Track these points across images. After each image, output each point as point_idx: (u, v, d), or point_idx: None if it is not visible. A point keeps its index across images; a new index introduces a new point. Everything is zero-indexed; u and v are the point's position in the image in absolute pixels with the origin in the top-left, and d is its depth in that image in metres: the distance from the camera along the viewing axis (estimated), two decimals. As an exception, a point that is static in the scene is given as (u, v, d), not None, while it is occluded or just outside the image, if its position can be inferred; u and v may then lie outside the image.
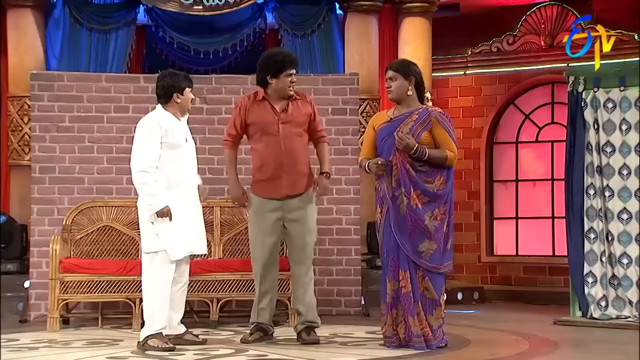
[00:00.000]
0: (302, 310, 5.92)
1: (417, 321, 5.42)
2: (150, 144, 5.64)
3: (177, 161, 5.72)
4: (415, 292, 5.47)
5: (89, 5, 8.85)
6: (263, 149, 5.83)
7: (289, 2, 9.03)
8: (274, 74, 5.80)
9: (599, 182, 7.01)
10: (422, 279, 5.50)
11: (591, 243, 7.05)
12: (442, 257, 5.50)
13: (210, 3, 8.60)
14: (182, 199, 5.72)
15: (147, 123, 5.74)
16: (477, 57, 9.86)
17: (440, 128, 5.55)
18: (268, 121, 5.82)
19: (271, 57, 5.90)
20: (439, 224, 5.50)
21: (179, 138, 5.75)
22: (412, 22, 9.03)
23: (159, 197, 5.60)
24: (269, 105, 5.85)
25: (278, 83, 5.81)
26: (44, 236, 7.37)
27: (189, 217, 5.75)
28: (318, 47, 9.08)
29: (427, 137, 5.54)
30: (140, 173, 5.64)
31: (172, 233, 5.62)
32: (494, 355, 5.29)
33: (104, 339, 6.26)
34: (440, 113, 5.63)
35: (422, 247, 5.48)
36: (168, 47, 9.14)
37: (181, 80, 5.81)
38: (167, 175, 5.68)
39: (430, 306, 5.49)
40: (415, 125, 5.54)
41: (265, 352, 5.54)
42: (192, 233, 5.77)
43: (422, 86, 5.68)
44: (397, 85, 5.60)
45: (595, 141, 7.04)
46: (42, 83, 7.66)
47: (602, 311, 6.96)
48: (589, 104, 7.08)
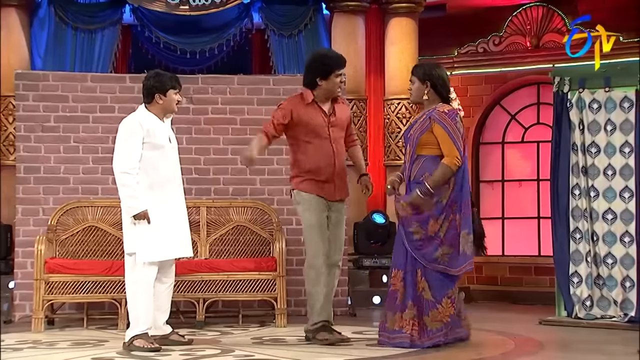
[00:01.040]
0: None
1: (397, 318, 5.47)
2: (131, 144, 5.62)
3: (160, 162, 5.70)
4: (408, 291, 5.50)
5: (74, 5, 8.82)
6: (314, 152, 5.81)
7: (276, 2, 9.02)
8: (324, 75, 5.80)
9: (584, 183, 7.04)
10: (420, 278, 5.53)
11: (576, 243, 7.08)
12: (458, 259, 5.53)
13: (197, 3, 8.58)
14: (166, 200, 5.71)
15: (129, 123, 5.72)
16: (463, 58, 9.88)
17: (438, 127, 5.58)
18: (318, 124, 5.82)
19: (320, 59, 5.91)
20: (449, 224, 5.54)
21: (162, 139, 5.72)
22: (398, 23, 9.04)
23: (138, 200, 5.58)
24: (319, 108, 5.85)
25: (328, 84, 5.81)
26: (29, 236, 7.34)
27: (173, 219, 5.73)
28: (305, 47, 9.07)
29: (427, 139, 5.60)
30: (122, 174, 5.62)
31: (147, 236, 5.59)
32: (479, 355, 5.31)
33: (89, 339, 6.24)
34: (441, 112, 5.64)
35: (437, 254, 5.53)
36: (154, 47, 9.12)
37: (165, 81, 5.77)
38: (149, 176, 5.66)
39: (427, 307, 5.51)
40: (417, 127, 5.65)
41: (252, 352, 5.54)
42: (176, 236, 5.75)
43: (444, 87, 5.72)
44: (415, 89, 5.74)
45: (580, 142, 7.07)
46: (27, 83, 7.63)
47: (587, 311, 6.98)
48: (575, 105, 7.11)
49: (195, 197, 7.38)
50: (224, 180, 7.73)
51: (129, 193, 5.60)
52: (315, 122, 5.80)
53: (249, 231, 7.38)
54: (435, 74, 5.70)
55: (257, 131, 7.66)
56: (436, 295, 5.51)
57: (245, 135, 7.75)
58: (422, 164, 5.60)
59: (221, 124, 7.76)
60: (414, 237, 5.55)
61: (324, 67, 5.80)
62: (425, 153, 5.60)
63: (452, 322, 5.56)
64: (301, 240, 7.67)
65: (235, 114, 7.79)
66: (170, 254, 5.75)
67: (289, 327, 6.81)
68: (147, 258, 5.59)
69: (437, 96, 5.68)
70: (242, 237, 7.39)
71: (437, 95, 5.68)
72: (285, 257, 7.05)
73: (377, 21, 9.22)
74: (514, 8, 9.53)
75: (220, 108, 7.79)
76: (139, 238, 5.60)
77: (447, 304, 5.52)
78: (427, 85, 5.67)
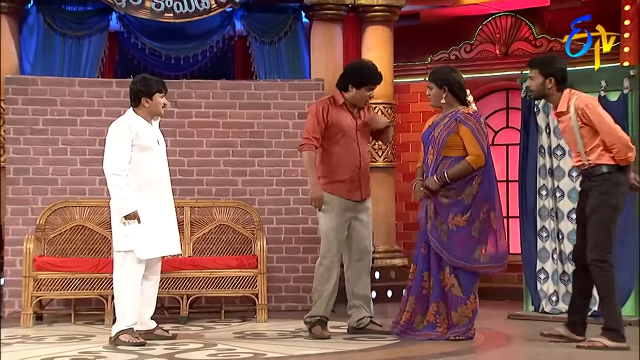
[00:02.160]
0: (364, 306, 5.96)
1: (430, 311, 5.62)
2: (121, 147, 5.61)
3: (148, 163, 5.69)
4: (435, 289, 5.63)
5: (63, 12, 8.77)
6: (341, 152, 5.86)
7: (257, 11, 9.01)
8: (357, 85, 5.85)
9: (550, 184, 7.10)
10: (449, 275, 5.59)
11: (543, 241, 7.13)
12: (497, 255, 5.64)
13: (181, 11, 8.56)
14: (154, 200, 5.70)
15: (118, 127, 5.71)
16: (436, 64, 9.88)
17: (464, 128, 5.65)
18: (348, 125, 5.88)
19: (359, 69, 5.98)
20: (481, 225, 5.61)
21: (150, 141, 5.72)
22: (374, 31, 9.05)
23: (129, 201, 5.57)
24: (348, 110, 5.90)
25: (358, 94, 5.87)
26: (18, 235, 7.30)
27: (161, 218, 5.72)
28: (285, 53, 9.07)
29: (453, 140, 5.65)
30: (112, 176, 5.61)
31: (141, 234, 5.59)
32: (450, 348, 5.33)
33: (76, 334, 6.22)
34: (466, 114, 5.71)
35: (475, 254, 5.60)
36: (140, 52, 9.08)
37: (151, 85, 5.77)
38: (138, 177, 5.65)
39: (456, 303, 5.58)
40: (442, 129, 5.68)
41: (234, 346, 5.54)
42: (164, 234, 5.74)
43: (461, 90, 5.77)
44: (433, 94, 5.81)
45: (547, 145, 7.12)
46: (16, 87, 7.59)
47: (553, 306, 7.03)
48: (541, 110, 7.15)
49: (179, 197, 7.35)
50: (207, 181, 7.72)
51: (119, 194, 5.59)
52: (345, 123, 5.88)
53: (231, 230, 7.38)
54: (451, 78, 5.77)
55: (239, 134, 7.74)
56: (465, 291, 5.59)
57: (228, 137, 7.76)
58: (449, 165, 5.65)
59: (204, 127, 7.76)
60: (442, 239, 5.62)
61: (361, 77, 5.88)
62: (452, 154, 5.67)
63: (474, 317, 5.66)
64: (281, 239, 7.70)
65: (218, 118, 7.79)
66: (159, 252, 5.74)
67: (269, 322, 6.81)
68: (136, 256, 5.58)
69: (455, 99, 5.74)
70: (225, 236, 7.38)
71: (454, 99, 5.74)
72: (266, 255, 7.05)
73: (354, 29, 9.23)
74: (484, 17, 9.58)
75: (204, 112, 7.78)
76: (129, 237, 5.58)
77: (472, 299, 5.63)
78: (444, 89, 5.73)
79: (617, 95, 6.76)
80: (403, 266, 9.11)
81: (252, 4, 8.88)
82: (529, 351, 5.47)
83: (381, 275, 8.60)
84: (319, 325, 5.86)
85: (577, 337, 5.56)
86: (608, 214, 5.40)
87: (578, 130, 5.42)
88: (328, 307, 5.91)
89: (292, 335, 6.08)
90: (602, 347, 5.28)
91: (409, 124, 10.38)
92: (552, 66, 5.53)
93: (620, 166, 5.41)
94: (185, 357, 5.20)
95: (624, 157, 5.39)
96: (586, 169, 5.47)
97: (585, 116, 5.40)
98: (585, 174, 5.50)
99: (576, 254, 5.70)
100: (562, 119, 5.53)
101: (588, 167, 5.45)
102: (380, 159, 8.70)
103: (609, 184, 5.41)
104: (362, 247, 5.98)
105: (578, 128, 5.42)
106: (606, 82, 6.81)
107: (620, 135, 5.42)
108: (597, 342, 5.31)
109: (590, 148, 5.41)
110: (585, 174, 5.50)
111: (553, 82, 5.51)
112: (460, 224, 5.61)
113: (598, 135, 5.39)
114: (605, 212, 5.40)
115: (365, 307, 5.98)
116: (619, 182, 5.42)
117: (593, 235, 5.41)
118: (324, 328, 5.86)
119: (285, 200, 7.78)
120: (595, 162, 5.43)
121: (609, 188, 5.41)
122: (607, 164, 5.40)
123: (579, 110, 5.41)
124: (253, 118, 7.80)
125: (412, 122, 10.38)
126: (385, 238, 8.84)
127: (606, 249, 5.39)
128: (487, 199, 5.66)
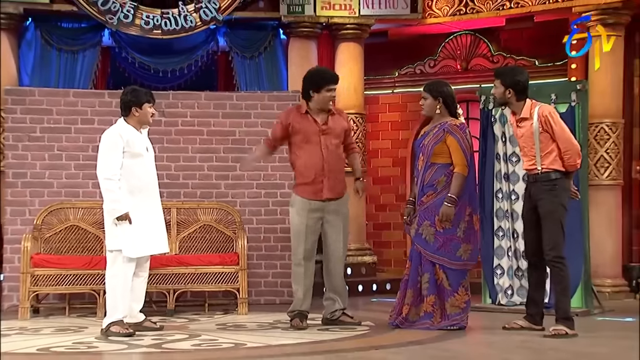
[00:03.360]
0: (338, 299, 5.96)
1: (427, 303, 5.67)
2: (113, 154, 5.60)
3: (138, 169, 5.68)
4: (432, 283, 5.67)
5: (59, 29, 8.74)
6: (305, 156, 5.85)
7: (239, 28, 9.03)
8: (316, 88, 5.83)
9: (506, 187, 7.16)
10: (439, 271, 5.66)
11: (500, 240, 7.19)
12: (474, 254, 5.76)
13: (168, 27, 8.56)
14: (144, 203, 5.69)
15: (110, 135, 5.70)
16: (403, 78, 9.97)
17: (450, 138, 5.70)
18: (310, 131, 5.84)
19: (315, 74, 5.97)
20: (465, 225, 5.67)
21: (140, 148, 5.71)
22: (346, 47, 9.11)
23: (120, 203, 5.56)
24: (311, 118, 5.87)
25: (319, 97, 5.84)
26: (16, 234, 7.25)
27: (150, 220, 5.72)
28: (264, 67, 9.09)
29: (440, 148, 5.70)
30: (105, 181, 5.60)
31: (131, 234, 5.58)
32: (415, 337, 5.37)
33: (70, 326, 6.19)
34: (454, 125, 5.74)
35: (459, 252, 5.66)
36: (130, 66, 9.06)
37: (141, 96, 5.77)
38: (129, 182, 5.64)
39: (447, 295, 5.65)
40: (431, 138, 5.72)
41: (217, 336, 5.54)
42: (153, 234, 5.73)
43: (453, 103, 5.80)
44: (427, 104, 5.81)
45: (503, 152, 7.19)
46: (15, 97, 7.55)
47: (508, 298, 7.10)
48: (498, 120, 7.23)
49: (166, 199, 7.34)
50: (192, 184, 7.72)
51: (112, 197, 5.57)
52: (307, 130, 5.84)
53: (214, 230, 7.37)
54: (446, 91, 5.80)
55: (222, 141, 7.76)
56: (453, 285, 5.64)
57: (212, 144, 7.76)
58: (435, 171, 5.71)
59: (190, 135, 7.75)
60: (430, 244, 5.65)
61: (317, 81, 5.85)
62: (439, 161, 5.70)
63: (468, 308, 5.73)
64: (260, 238, 7.72)
65: (202, 126, 7.78)
66: (148, 251, 5.73)
67: (249, 314, 6.82)
68: (128, 254, 5.57)
69: (447, 111, 5.76)
70: (209, 235, 7.38)
71: (447, 110, 5.77)
72: (247, 253, 7.06)
73: (328, 45, 9.28)
74: (446, 36, 9.67)
75: (189, 121, 7.77)
76: (121, 237, 5.57)
77: (462, 292, 5.68)
78: (439, 101, 5.76)
79: (566, 107, 6.86)
80: (372, 263, 9.17)
81: (234, 22, 8.90)
82: (487, 339, 5.53)
83: (352, 271, 8.64)
84: (297, 318, 5.87)
85: (536, 327, 5.63)
86: (561, 215, 5.51)
87: (537, 136, 5.51)
88: (306, 303, 5.91)
89: (270, 326, 6.09)
90: (565, 334, 5.36)
91: (378, 132, 10.45)
92: (513, 78, 5.61)
93: (566, 173, 5.52)
94: (171, 346, 5.19)
95: (574, 162, 5.50)
96: (537, 174, 5.56)
97: (547, 123, 5.49)
98: (536, 178, 5.58)
99: (529, 252, 5.77)
100: (523, 125, 5.61)
101: (539, 172, 5.54)
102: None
103: (559, 188, 5.51)
104: (335, 244, 5.96)
105: (538, 134, 5.50)
106: (556, 95, 6.90)
107: (574, 143, 5.53)
108: (561, 331, 5.39)
109: (545, 153, 5.50)
110: (536, 178, 5.58)
111: (512, 92, 5.59)
112: (446, 226, 5.66)
113: (553, 143, 5.49)
114: (558, 214, 5.49)
115: (339, 300, 5.99)
116: (565, 187, 5.55)
117: (550, 236, 5.49)
118: (302, 320, 5.87)
119: (265, 202, 7.79)
120: (547, 168, 5.51)
121: (559, 192, 5.51)
122: (556, 170, 5.50)
123: (542, 118, 5.50)
124: (235, 126, 7.81)
125: (381, 130, 10.44)
126: (356, 237, 8.88)
127: (562, 246, 5.50)
128: (469, 202, 5.73)
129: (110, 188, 5.57)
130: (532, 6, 8.60)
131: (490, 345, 5.16)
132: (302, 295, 5.88)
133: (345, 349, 5.07)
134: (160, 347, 5.15)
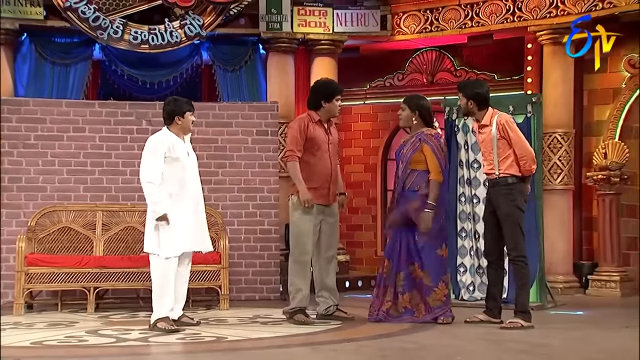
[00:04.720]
0: (331, 296, 5.89)
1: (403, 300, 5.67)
2: (155, 158, 5.51)
3: (179, 173, 5.57)
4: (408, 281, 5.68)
5: (52, 43, 8.68)
6: (316, 163, 5.77)
7: (221, 43, 9.02)
8: (328, 98, 5.80)
9: (468, 192, 7.21)
10: (418, 270, 5.65)
11: (462, 240, 7.23)
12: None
13: (155, 42, 8.53)
14: (184, 204, 5.55)
15: (153, 141, 5.61)
16: (374, 90, 10.01)
17: (426, 147, 5.70)
18: (322, 139, 5.80)
19: (326, 85, 5.95)
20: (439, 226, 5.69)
21: (181, 153, 5.60)
22: (321, 61, 9.13)
23: (160, 205, 5.45)
24: (322, 126, 5.84)
25: (330, 106, 5.81)
26: (11, 235, 7.17)
27: (189, 220, 5.56)
28: (245, 80, 9.09)
29: (417, 157, 5.70)
30: (147, 184, 5.50)
31: (167, 235, 5.47)
32: (385, 331, 5.37)
33: (62, 321, 6.12)
34: (429, 135, 5.74)
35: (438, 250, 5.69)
36: (119, 78, 9.02)
37: (182, 105, 5.67)
38: (170, 185, 5.52)
39: (428, 291, 5.65)
40: (409, 147, 5.73)
41: (199, 330, 5.50)
42: (190, 234, 5.57)
43: (429, 115, 5.80)
44: (404, 115, 5.82)
45: (465, 159, 7.23)
46: (10, 107, 7.48)
47: (470, 294, 7.14)
48: (461, 129, 7.27)
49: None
50: (178, 189, 7.64)
51: (153, 199, 5.48)
52: (320, 138, 5.80)
53: (198, 231, 7.31)
54: (422, 104, 5.81)
55: (205, 148, 7.70)
56: (434, 280, 5.64)
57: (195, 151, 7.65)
58: (415, 178, 5.70)
59: (175, 143, 7.69)
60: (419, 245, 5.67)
61: (329, 92, 5.83)
62: (417, 168, 5.71)
63: (448, 301, 5.74)
64: (241, 238, 7.69)
65: (187, 135, 7.74)
66: (184, 249, 5.56)
67: (230, 310, 6.79)
68: (164, 254, 5.46)
69: (423, 122, 5.77)
70: (193, 236, 7.31)
71: (422, 122, 5.77)
72: (228, 252, 7.04)
73: (304, 60, 9.29)
74: (413, 51, 9.73)
75: (175, 129, 7.71)
76: (158, 238, 5.47)
77: (442, 286, 5.67)
78: (415, 113, 5.76)
79: (522, 118, 6.91)
80: (345, 261, 9.19)
81: (217, 37, 8.89)
82: (451, 332, 5.53)
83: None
84: (301, 313, 5.76)
85: (495, 320, 5.67)
86: (518, 217, 5.56)
87: (496, 142, 5.55)
88: (307, 300, 5.83)
89: (250, 321, 6.07)
90: (520, 326, 5.41)
91: (351, 140, 10.47)
92: (474, 91, 5.69)
93: (522, 177, 5.57)
94: (157, 340, 5.15)
95: (529, 168, 5.55)
96: (495, 178, 5.61)
97: (504, 130, 5.54)
98: (494, 182, 5.64)
99: (488, 251, 5.81)
100: (483, 131, 5.66)
101: (497, 176, 5.59)
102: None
103: (515, 192, 5.56)
104: (330, 245, 5.91)
105: (496, 140, 5.55)
106: (513, 107, 6.96)
107: (529, 150, 5.59)
108: (517, 323, 5.43)
109: (503, 158, 5.55)
110: (494, 182, 5.64)
111: (474, 103, 5.66)
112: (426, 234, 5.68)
113: (510, 149, 5.54)
114: (515, 216, 5.55)
115: (332, 297, 5.93)
116: (521, 190, 5.60)
117: (511, 236, 5.54)
118: (307, 315, 5.79)
119: (245, 205, 7.77)
120: (504, 172, 5.56)
121: (516, 195, 5.56)
122: (513, 175, 5.56)
123: (500, 125, 5.56)
124: (217, 135, 7.79)
125: (353, 139, 10.47)
126: (330, 237, 8.87)
127: (522, 245, 5.56)
128: (443, 205, 5.75)
129: (151, 191, 5.48)
130: (492, 25, 8.71)
131: (454, 337, 5.18)
132: (307, 292, 5.78)
133: (319, 341, 5.07)
134: (147, 341, 5.11)
